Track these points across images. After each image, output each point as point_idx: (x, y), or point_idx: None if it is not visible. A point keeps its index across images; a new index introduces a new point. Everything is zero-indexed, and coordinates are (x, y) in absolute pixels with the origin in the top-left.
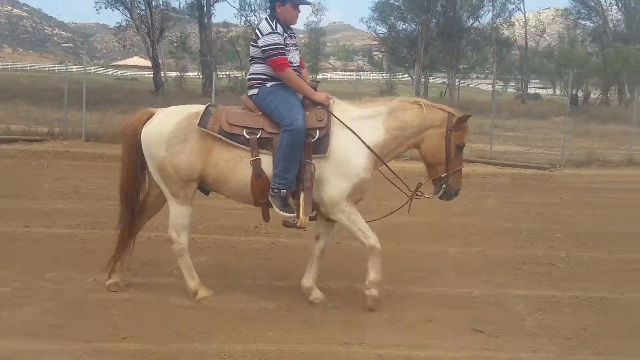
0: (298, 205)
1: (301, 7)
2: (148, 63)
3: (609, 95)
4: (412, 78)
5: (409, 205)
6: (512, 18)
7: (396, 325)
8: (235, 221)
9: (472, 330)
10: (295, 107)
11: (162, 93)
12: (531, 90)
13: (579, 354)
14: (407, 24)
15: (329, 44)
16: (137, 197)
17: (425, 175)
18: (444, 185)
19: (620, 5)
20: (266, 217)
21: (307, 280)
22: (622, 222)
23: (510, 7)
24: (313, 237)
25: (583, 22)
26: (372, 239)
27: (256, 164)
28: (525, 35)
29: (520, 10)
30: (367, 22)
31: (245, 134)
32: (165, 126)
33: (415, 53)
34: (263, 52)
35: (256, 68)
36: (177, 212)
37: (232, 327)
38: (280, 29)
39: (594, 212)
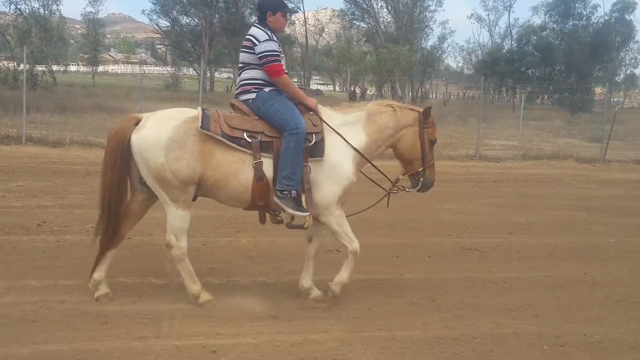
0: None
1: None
2: None
3: (383, 91)
4: (197, 72)
5: (388, 198)
6: (293, 16)
7: (192, 316)
8: (14, 219)
9: (267, 316)
10: (296, 112)
11: None
12: (313, 86)
13: (364, 331)
14: (190, 18)
15: (108, 36)
16: (120, 205)
17: (402, 171)
18: (421, 179)
19: (389, 8)
20: (262, 219)
21: (306, 281)
22: (399, 210)
23: (290, 5)
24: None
25: (357, 23)
26: (356, 244)
27: (258, 167)
28: (306, 34)
29: (300, 9)
30: (148, 14)
31: (246, 137)
32: (162, 131)
33: (199, 47)
34: (260, 58)
35: (252, 74)
36: (176, 217)
37: (18, 329)
38: (274, 37)
39: (375, 200)
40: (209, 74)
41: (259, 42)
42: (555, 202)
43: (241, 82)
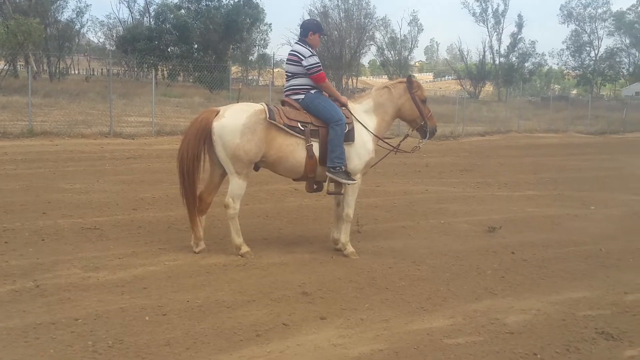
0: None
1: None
2: None
3: (17, 66)
4: None
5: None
6: None
7: None
8: None
9: None
10: (337, 107)
11: None
12: None
13: None
14: None
15: None
16: (196, 173)
17: (410, 129)
18: (427, 130)
19: None
20: (310, 188)
21: (336, 234)
22: (11, 193)
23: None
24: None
25: None
26: (351, 210)
27: (310, 148)
28: None
29: None
30: None
31: (300, 126)
32: (238, 120)
33: None
34: (307, 69)
35: (300, 81)
36: (237, 185)
37: None
38: (314, 51)
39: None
40: None
41: (304, 57)
42: None
43: (291, 87)
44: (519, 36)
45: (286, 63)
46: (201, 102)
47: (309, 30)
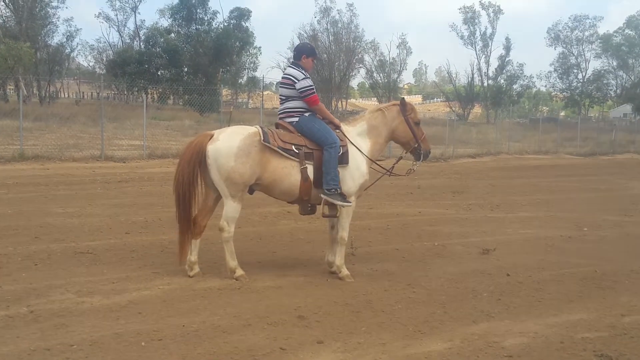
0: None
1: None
2: None
3: (7, 90)
4: None
5: (412, 170)
6: None
7: None
8: None
9: None
10: (330, 131)
11: None
12: None
13: None
14: None
15: None
16: (192, 197)
17: (403, 151)
18: (420, 152)
19: (7, 1)
20: (304, 211)
21: (331, 257)
22: (9, 217)
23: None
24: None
25: None
26: (346, 233)
27: (304, 171)
28: None
29: None
30: None
31: (294, 149)
32: (233, 142)
33: None
34: (301, 92)
35: (294, 104)
36: (231, 208)
37: None
38: (307, 74)
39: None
40: None
41: (298, 80)
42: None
43: (285, 110)
44: (507, 59)
45: (280, 86)
46: (191, 125)
47: (302, 53)
